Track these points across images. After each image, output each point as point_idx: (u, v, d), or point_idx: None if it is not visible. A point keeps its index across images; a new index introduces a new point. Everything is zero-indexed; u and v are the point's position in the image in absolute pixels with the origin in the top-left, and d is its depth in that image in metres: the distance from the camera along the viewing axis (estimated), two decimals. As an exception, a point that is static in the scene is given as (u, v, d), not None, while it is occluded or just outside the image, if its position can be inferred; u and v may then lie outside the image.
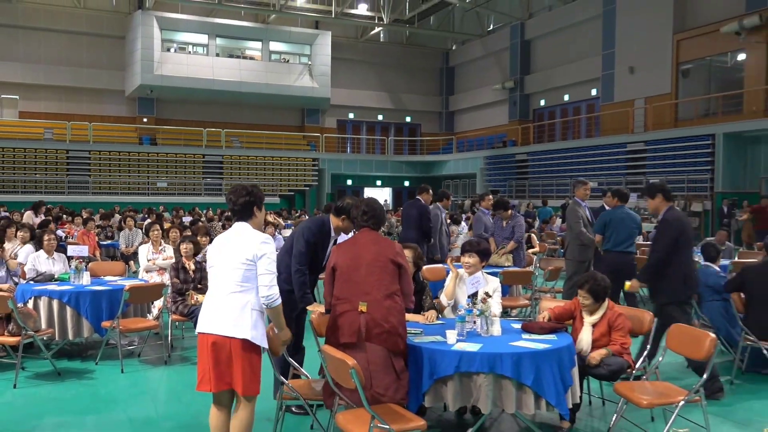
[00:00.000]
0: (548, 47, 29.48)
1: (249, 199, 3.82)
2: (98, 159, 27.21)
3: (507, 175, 28.57)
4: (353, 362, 3.53)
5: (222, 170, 29.39)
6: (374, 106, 35.10)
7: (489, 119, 33.25)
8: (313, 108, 33.13)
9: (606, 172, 23.67)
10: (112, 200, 24.82)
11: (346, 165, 31.89)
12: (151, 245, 8.12)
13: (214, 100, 30.88)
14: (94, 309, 6.55)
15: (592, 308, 4.79)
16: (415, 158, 33.72)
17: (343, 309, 4.03)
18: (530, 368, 3.90)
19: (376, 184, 34.34)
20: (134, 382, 6.05)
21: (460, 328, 4.33)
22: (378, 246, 4.15)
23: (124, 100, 30.18)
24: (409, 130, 36.80)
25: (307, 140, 32.55)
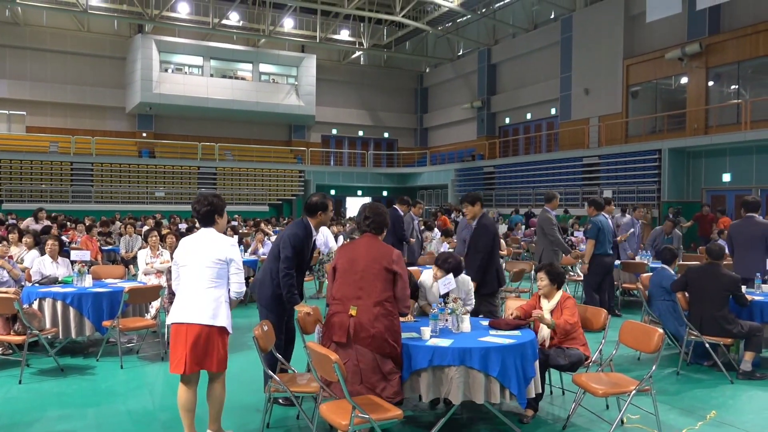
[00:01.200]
0: (512, 70, 29.75)
1: (210, 209, 4.03)
2: (100, 170, 26.86)
3: (476, 186, 28.72)
4: (335, 357, 3.51)
5: (216, 181, 29.15)
6: (355, 123, 35.13)
7: (459, 135, 33.43)
8: (299, 124, 33.05)
9: (564, 184, 23.90)
10: (113, 208, 24.51)
11: (330, 176, 31.84)
12: (149, 250, 8.02)
13: (208, 117, 30.68)
14: (95, 309, 6.46)
15: (547, 291, 4.86)
16: (392, 170, 33.77)
17: (336, 309, 3.99)
18: (496, 361, 3.91)
19: (357, 194, 34.32)
20: (133, 377, 5.96)
21: (433, 325, 4.33)
22: (374, 253, 4.05)
23: (124, 116, 29.85)
24: (387, 144, 36.87)
25: (294, 153, 32.44)
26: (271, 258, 4.75)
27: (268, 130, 32.83)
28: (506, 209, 24.79)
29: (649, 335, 4.33)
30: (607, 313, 4.95)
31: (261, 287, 4.75)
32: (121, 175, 27.24)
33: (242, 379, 5.94)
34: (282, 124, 33.06)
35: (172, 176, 28.24)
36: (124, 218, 18.98)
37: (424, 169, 32.73)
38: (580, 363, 4.64)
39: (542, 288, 4.91)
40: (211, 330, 3.91)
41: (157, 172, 27.97)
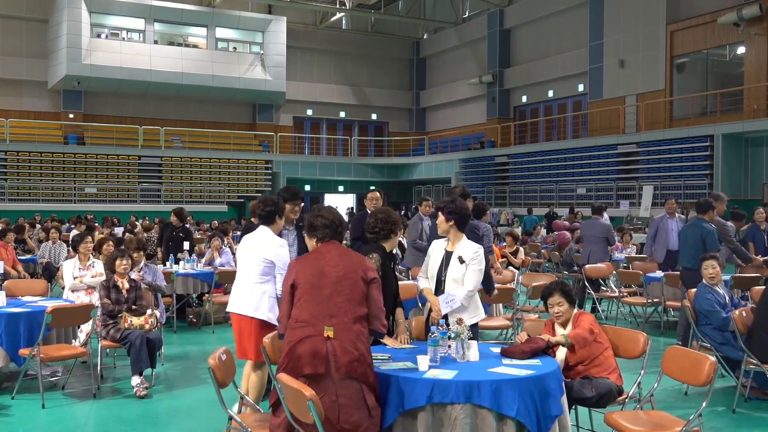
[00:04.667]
0: (530, 37, 29.86)
1: (273, 209, 5.51)
2: (16, 160, 26.68)
3: (485, 180, 28.79)
4: (310, 393, 3.51)
5: (161, 174, 29.06)
6: (335, 102, 35.14)
7: (465, 117, 33.52)
8: (265, 103, 33.02)
9: (595, 177, 24.02)
10: (32, 208, 24.34)
11: (304, 168, 31.81)
12: (78, 260, 7.97)
13: (152, 94, 30.57)
14: (10, 334, 6.41)
15: (567, 316, 4.91)
16: (381, 160, 33.81)
17: (305, 333, 3.92)
18: (512, 397, 3.90)
19: (338, 190, 34.31)
20: (57, 418, 5.92)
21: (432, 353, 4.32)
22: (346, 261, 4.09)
23: (46, 92, 29.68)
24: (375, 128, 36.88)
25: (259, 140, 32.40)
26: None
27: (226, 111, 32.78)
28: (522, 209, 24.88)
29: (698, 364, 4.35)
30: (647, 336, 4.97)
31: None
32: (43, 166, 27.07)
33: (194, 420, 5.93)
34: (244, 103, 33.02)
35: (107, 168, 28.11)
36: (46, 220, 18.86)
37: (422, 159, 32.78)
38: (611, 396, 4.65)
39: (560, 315, 4.93)
40: (252, 321, 5.29)
41: (88, 162, 27.82)
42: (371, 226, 5.07)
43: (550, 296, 4.98)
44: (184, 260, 10.38)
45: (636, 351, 4.96)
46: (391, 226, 5.04)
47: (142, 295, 7.22)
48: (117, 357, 7.71)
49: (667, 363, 4.65)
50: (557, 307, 4.93)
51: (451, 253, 5.26)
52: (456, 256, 5.19)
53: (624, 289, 10.97)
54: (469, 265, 5.13)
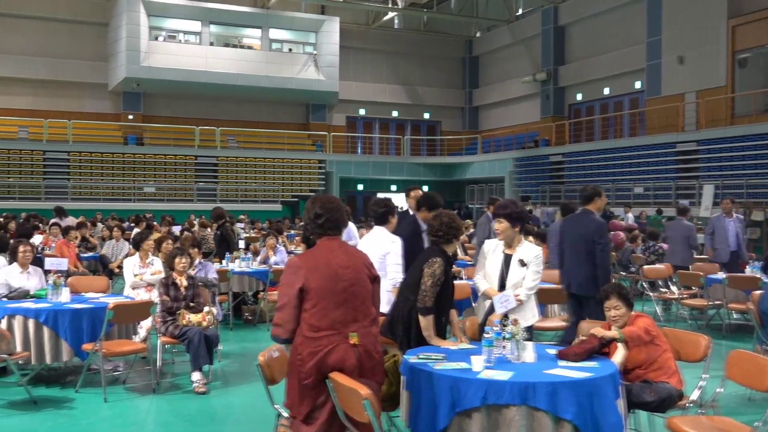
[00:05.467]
0: (585, 34, 29.42)
1: (386, 210, 5.98)
2: (78, 161, 27.44)
3: (540, 179, 28.49)
4: (366, 392, 3.52)
5: (216, 173, 29.52)
6: (388, 101, 35.19)
7: (518, 116, 33.21)
8: (318, 103, 33.26)
9: (653, 176, 23.53)
10: (93, 207, 24.96)
11: (357, 167, 31.94)
12: (139, 258, 8.16)
13: (208, 95, 31.09)
14: (74, 330, 6.59)
15: (625, 320, 4.82)
16: (434, 160, 33.73)
17: (331, 343, 3.82)
18: (569, 400, 3.86)
19: (391, 189, 34.32)
20: (119, 412, 6.08)
21: (487, 354, 4.30)
22: (353, 260, 4.01)
23: (107, 94, 30.44)
24: (428, 128, 36.81)
25: (313, 140, 32.66)
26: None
27: (280, 111, 33.14)
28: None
29: (762, 369, 4.25)
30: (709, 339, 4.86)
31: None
32: (103, 166, 27.78)
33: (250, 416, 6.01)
34: (298, 103, 33.33)
35: (164, 168, 28.68)
36: (107, 219, 19.36)
37: (475, 158, 32.60)
38: (672, 401, 4.57)
39: (617, 319, 4.84)
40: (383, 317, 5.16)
41: (146, 162, 28.45)
42: (434, 228, 5.03)
43: (606, 299, 4.89)
44: (239, 259, 10.56)
45: (697, 354, 4.86)
46: (455, 231, 5.01)
47: (200, 292, 7.35)
48: (176, 353, 7.87)
49: (731, 367, 4.55)
50: (614, 311, 4.85)
51: (510, 256, 5.24)
52: (516, 259, 5.17)
53: (684, 291, 10.73)
54: (529, 267, 5.12)
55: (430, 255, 4.96)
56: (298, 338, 3.84)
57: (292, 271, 3.89)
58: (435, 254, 4.94)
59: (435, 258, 4.89)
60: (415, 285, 4.89)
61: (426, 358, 4.33)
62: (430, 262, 4.87)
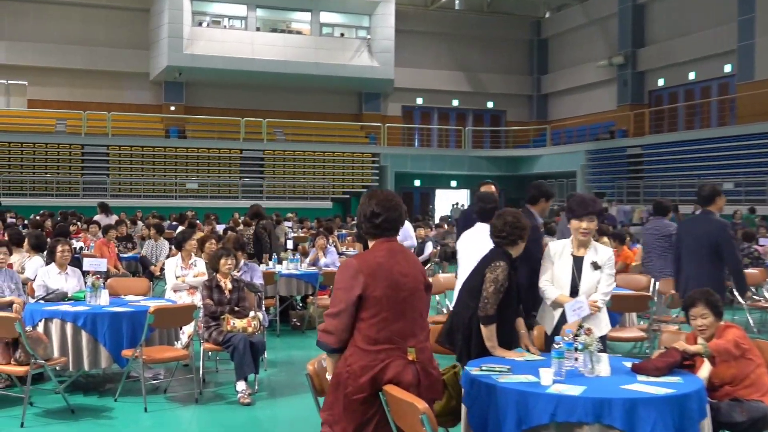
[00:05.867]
0: (668, 12, 28.84)
1: (495, 207, 6.03)
2: (117, 155, 28.13)
3: (615, 174, 28.05)
4: (424, 406, 3.52)
5: (263, 168, 29.88)
6: (448, 89, 35.08)
7: (592, 104, 32.76)
8: (372, 92, 33.39)
9: (745, 171, 22.93)
10: (133, 204, 25.42)
11: (414, 161, 31.93)
12: (181, 259, 8.29)
13: (254, 84, 31.47)
14: (113, 334, 6.75)
15: (712, 330, 4.72)
16: (498, 153, 33.50)
17: (389, 357, 3.76)
18: (648, 419, 3.79)
19: (450, 185, 34.26)
20: (160, 422, 6.21)
21: (557, 366, 4.26)
22: (411, 267, 3.93)
23: (148, 84, 31.14)
24: (491, 118, 36.58)
25: (366, 131, 32.80)
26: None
27: (331, 101, 33.35)
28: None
29: None
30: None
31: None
32: (144, 161, 28.42)
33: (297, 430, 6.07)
34: (350, 92, 33.51)
35: (208, 162, 29.18)
36: (147, 217, 19.76)
37: (543, 150, 32.27)
38: (766, 422, 4.47)
39: (704, 329, 4.73)
40: None
41: (189, 156, 28.98)
42: (497, 229, 4.99)
43: (692, 306, 4.78)
44: (287, 260, 10.66)
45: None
46: (520, 231, 4.96)
47: (245, 296, 7.42)
48: (219, 361, 8.00)
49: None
50: (701, 320, 4.74)
51: (581, 259, 5.16)
52: (588, 261, 5.09)
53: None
54: (603, 270, 5.06)
55: (493, 258, 4.92)
56: (349, 349, 3.77)
57: (350, 275, 3.77)
58: (498, 257, 4.90)
59: (498, 262, 4.86)
60: (476, 290, 4.86)
61: (489, 370, 4.31)
62: (493, 266, 4.84)
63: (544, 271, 5.27)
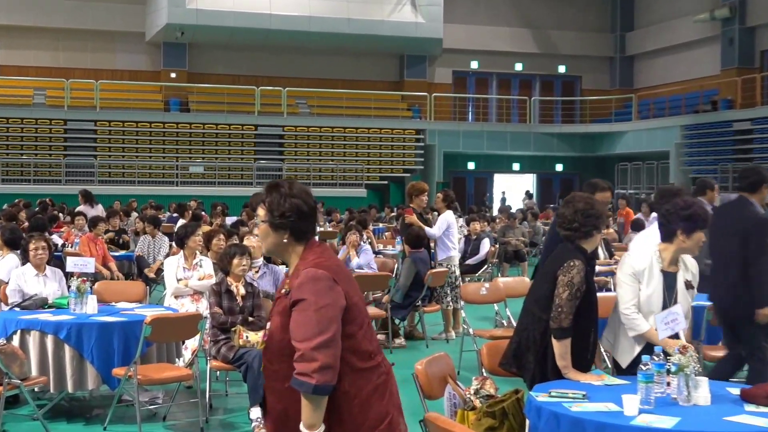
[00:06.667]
0: (786, -47, 28.37)
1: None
2: (107, 132, 28.41)
3: (719, 154, 27.70)
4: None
5: (283, 148, 30.00)
6: (509, 51, 34.86)
7: (690, 68, 32.42)
8: (416, 54, 33.30)
9: None
10: (126, 191, 25.65)
11: (467, 139, 31.79)
12: (183, 258, 8.34)
13: (272, 46, 31.56)
14: (102, 349, 6.80)
15: None
16: (571, 128, 33.24)
17: (387, 369, 3.75)
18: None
19: (513, 169, 34.08)
20: (158, 457, 6.27)
21: (644, 392, 4.25)
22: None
23: (143, 47, 31.40)
24: (564, 85, 36.34)
25: (408, 103, 32.76)
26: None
27: (366, 66, 33.34)
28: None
29: None
30: None
31: None
32: (139, 139, 28.66)
33: None
34: (389, 54, 33.48)
35: (216, 141, 29.37)
36: (144, 207, 19.93)
37: (628, 126, 31.97)
38: None
39: None
40: None
41: (193, 134, 29.21)
42: (567, 219, 4.96)
43: None
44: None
45: None
46: (595, 220, 4.92)
47: (261, 304, 7.44)
48: (230, 382, 8.03)
49: None
50: None
51: (673, 277, 5.07)
52: (682, 279, 5.01)
53: None
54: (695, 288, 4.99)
55: (565, 256, 4.89)
56: (344, 381, 3.60)
57: (327, 286, 3.59)
58: (571, 255, 4.86)
59: (572, 261, 4.81)
60: (546, 299, 4.84)
61: (560, 396, 4.32)
62: (566, 267, 4.80)
63: (626, 295, 5.12)
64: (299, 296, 3.52)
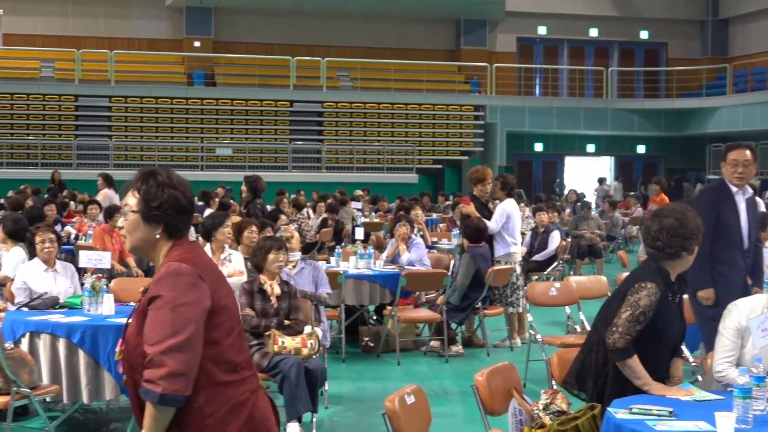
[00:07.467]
0: None
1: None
2: (123, 110, 28.71)
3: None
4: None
5: (321, 127, 30.07)
6: (582, 14, 34.62)
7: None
8: (475, 18, 33.19)
9: None
10: (145, 177, 25.86)
11: (533, 117, 31.61)
12: (210, 252, 8.42)
13: (309, 10, 31.66)
14: (119, 355, 6.91)
15: None
16: (656, 104, 32.94)
17: (254, 386, 3.71)
18: None
19: (587, 150, 33.86)
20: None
21: (741, 409, 4.22)
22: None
23: (164, 11, 31.67)
24: (646, 54, 36.06)
25: (466, 75, 32.66)
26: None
27: (416, 32, 33.27)
28: None
29: None
30: None
31: None
32: (158, 117, 28.92)
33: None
34: (443, 19, 33.43)
35: (246, 119, 29.51)
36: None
37: (722, 101, 31.64)
38: None
39: None
40: None
41: (220, 111, 29.36)
42: (651, 236, 4.95)
43: None
44: (355, 255, 10.67)
45: None
46: (682, 241, 4.86)
47: (299, 305, 7.48)
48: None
49: None
50: None
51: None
52: None
53: None
54: None
55: (640, 276, 4.91)
56: (201, 395, 3.54)
57: (188, 282, 3.54)
58: (646, 276, 4.88)
59: (645, 282, 4.83)
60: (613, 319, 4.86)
61: (643, 414, 4.30)
62: (636, 287, 4.82)
63: (724, 349, 5.02)
64: (156, 292, 3.46)
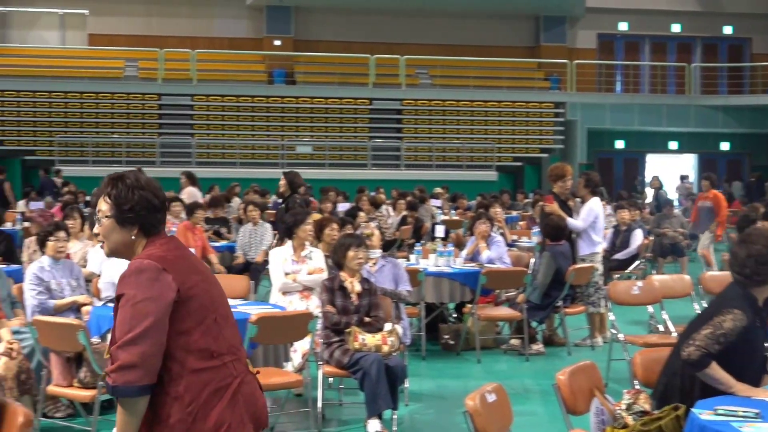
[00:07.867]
0: None
1: None
2: (205, 108, 29.09)
3: None
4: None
5: (401, 125, 30.09)
6: (665, 9, 34.13)
7: None
8: (555, 15, 33.03)
9: None
10: (226, 174, 25.96)
11: (614, 114, 31.27)
12: (291, 250, 8.45)
13: (388, 8, 31.72)
14: (203, 351, 6.99)
15: None
16: (740, 100, 32.35)
17: (237, 371, 3.71)
18: None
19: (669, 148, 33.42)
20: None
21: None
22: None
23: (244, 11, 31.92)
24: (730, 50, 35.47)
25: (545, 71, 32.48)
26: None
27: (495, 30, 33.16)
28: None
29: None
30: None
31: None
32: (239, 115, 29.20)
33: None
34: (522, 15, 33.30)
35: (325, 117, 29.65)
36: (246, 191, 20.23)
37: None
38: None
39: None
40: None
41: (300, 109, 29.53)
42: (739, 262, 4.92)
43: None
44: (435, 253, 10.68)
45: None
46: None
47: (379, 302, 7.50)
48: (344, 390, 8.13)
49: None
50: None
51: None
52: None
53: None
54: None
55: (726, 302, 4.89)
56: (177, 384, 3.59)
57: (150, 277, 3.59)
58: (733, 302, 4.85)
59: (732, 308, 4.80)
60: None
61: (728, 415, 4.26)
62: (723, 312, 4.80)
63: None
64: (120, 291, 3.55)
